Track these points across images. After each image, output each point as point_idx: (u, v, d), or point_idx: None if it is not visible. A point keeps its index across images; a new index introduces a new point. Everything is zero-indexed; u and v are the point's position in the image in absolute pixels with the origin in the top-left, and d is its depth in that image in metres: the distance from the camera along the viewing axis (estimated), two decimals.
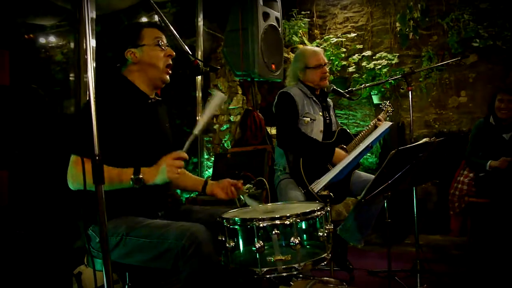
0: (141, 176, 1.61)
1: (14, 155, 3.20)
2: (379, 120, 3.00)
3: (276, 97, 2.92)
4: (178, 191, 4.82)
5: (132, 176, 1.61)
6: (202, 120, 1.74)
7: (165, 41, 1.89)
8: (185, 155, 1.67)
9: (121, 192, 1.66)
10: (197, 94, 4.23)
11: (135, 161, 1.73)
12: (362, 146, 2.07)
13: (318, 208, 1.60)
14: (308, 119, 2.84)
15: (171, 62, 1.90)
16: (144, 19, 4.70)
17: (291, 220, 1.51)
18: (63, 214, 2.96)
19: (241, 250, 1.58)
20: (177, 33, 2.07)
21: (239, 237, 1.57)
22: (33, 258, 2.81)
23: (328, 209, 1.67)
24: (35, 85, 3.92)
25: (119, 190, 1.66)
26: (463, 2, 4.55)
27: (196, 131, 1.73)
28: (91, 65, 1.20)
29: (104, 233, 1.20)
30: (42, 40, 4.86)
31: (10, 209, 2.85)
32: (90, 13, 2.77)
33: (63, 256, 2.79)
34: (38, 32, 4.51)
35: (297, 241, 1.49)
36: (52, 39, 4.99)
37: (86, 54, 1.20)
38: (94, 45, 2.80)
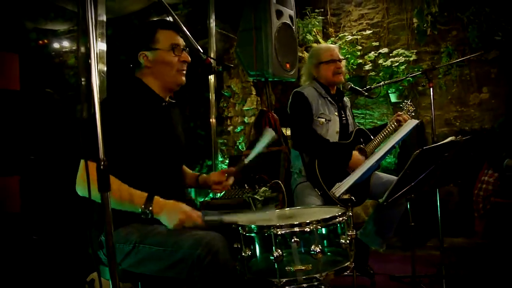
0: (150, 209, 1.54)
1: (29, 160, 3.18)
2: (398, 121, 2.84)
3: (290, 97, 2.84)
4: (193, 195, 4.76)
5: (143, 206, 1.54)
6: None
7: (181, 45, 1.80)
8: (200, 223, 1.59)
9: None
10: (210, 96, 4.16)
11: (146, 165, 1.68)
12: (388, 146, 1.97)
13: (340, 213, 1.50)
14: (323, 119, 2.74)
15: (185, 68, 1.81)
16: None
17: (311, 227, 1.41)
18: (77, 220, 2.92)
19: (258, 259, 1.49)
20: (189, 34, 2.00)
21: (256, 245, 1.48)
22: (46, 265, 2.77)
23: (350, 214, 1.58)
24: (50, 90, 3.91)
25: None
26: None
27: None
28: (95, 69, 1.13)
29: (110, 243, 1.12)
30: (55, 44, 4.86)
31: (22, 216, 2.83)
32: (101, 16, 2.75)
33: (76, 263, 2.75)
34: (50, 37, 4.50)
35: (318, 250, 1.39)
36: (65, 43, 4.99)
37: (90, 58, 1.13)
38: (105, 49, 2.75)
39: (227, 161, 4.59)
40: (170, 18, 2.15)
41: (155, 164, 1.72)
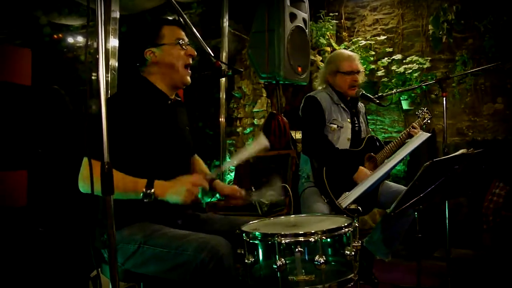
0: (152, 190, 1.54)
1: (37, 153, 3.19)
2: (413, 127, 2.81)
3: (303, 101, 2.81)
4: (200, 195, 4.75)
5: (144, 190, 1.53)
6: (234, 159, 1.73)
7: (186, 39, 1.82)
8: (206, 185, 1.61)
9: None
10: (220, 96, 4.15)
11: (151, 164, 1.68)
12: (397, 159, 1.93)
13: (346, 224, 1.48)
14: (335, 126, 2.71)
15: (191, 62, 1.82)
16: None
17: (316, 237, 1.39)
18: (83, 216, 2.93)
19: (261, 267, 1.48)
20: (203, 34, 2.00)
21: (259, 252, 1.46)
22: (50, 260, 2.78)
23: (356, 224, 1.55)
24: (56, 86, 3.93)
25: None
26: (502, 3, 4.30)
27: (225, 167, 1.69)
28: (102, 65, 1.13)
29: (112, 245, 1.12)
30: (68, 39, 4.89)
31: (29, 209, 2.84)
32: (114, 13, 2.75)
33: (81, 258, 2.75)
34: (64, 32, 4.53)
35: (322, 260, 1.37)
36: (79, 39, 5.02)
37: (98, 54, 1.13)
38: (117, 45, 2.77)
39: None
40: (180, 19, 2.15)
41: (158, 162, 1.71)
